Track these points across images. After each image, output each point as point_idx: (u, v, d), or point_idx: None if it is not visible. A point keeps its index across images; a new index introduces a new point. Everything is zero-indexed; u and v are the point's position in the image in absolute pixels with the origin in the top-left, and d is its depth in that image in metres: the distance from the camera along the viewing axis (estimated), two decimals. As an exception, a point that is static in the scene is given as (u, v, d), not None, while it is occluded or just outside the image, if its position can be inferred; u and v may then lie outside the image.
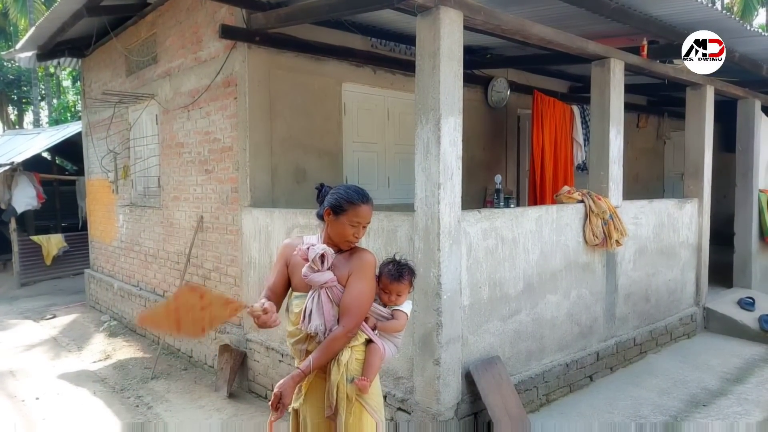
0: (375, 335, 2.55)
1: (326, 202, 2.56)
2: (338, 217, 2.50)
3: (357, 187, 2.61)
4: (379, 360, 2.55)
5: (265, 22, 5.08)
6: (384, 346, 2.57)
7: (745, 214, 7.47)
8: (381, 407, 2.61)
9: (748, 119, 7.37)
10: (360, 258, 2.54)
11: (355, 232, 2.51)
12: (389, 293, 2.61)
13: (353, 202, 2.50)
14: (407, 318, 2.66)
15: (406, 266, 2.65)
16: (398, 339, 2.67)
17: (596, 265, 5.19)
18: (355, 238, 2.53)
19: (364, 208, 2.51)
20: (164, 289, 7.31)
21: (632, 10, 4.73)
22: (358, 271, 2.50)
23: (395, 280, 2.59)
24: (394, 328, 2.60)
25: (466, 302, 4.00)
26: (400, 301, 2.63)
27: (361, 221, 2.51)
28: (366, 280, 2.50)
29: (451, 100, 3.73)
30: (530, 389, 4.47)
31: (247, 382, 5.62)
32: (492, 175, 7.10)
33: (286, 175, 5.72)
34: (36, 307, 9.80)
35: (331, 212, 2.53)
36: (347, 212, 2.49)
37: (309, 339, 2.49)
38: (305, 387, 2.54)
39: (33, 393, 5.74)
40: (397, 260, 2.68)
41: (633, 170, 9.52)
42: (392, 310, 2.62)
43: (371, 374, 2.51)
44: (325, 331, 2.43)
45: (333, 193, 2.57)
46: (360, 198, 2.52)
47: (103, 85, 8.55)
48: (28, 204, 11.60)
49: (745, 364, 5.54)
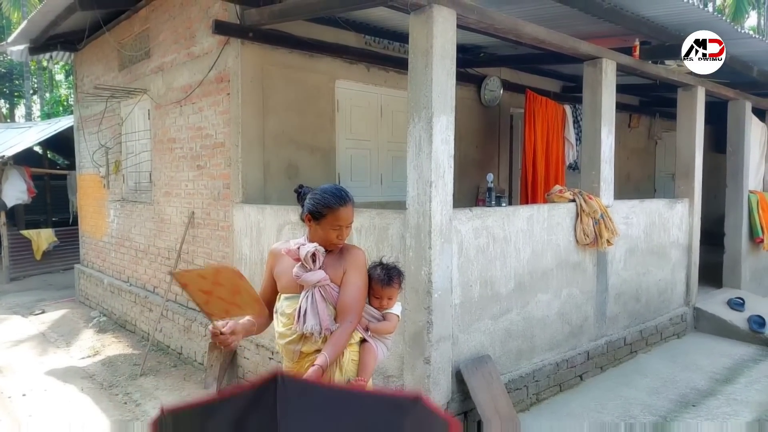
0: (368, 335, 2.53)
1: (305, 208, 2.49)
2: (319, 222, 2.44)
3: (335, 188, 2.50)
4: (373, 360, 2.52)
5: (258, 18, 5.06)
6: (377, 346, 2.55)
7: (735, 214, 7.52)
8: None
9: (738, 120, 7.41)
10: (351, 254, 2.52)
11: (339, 235, 2.45)
12: (380, 298, 2.56)
13: (331, 206, 2.41)
14: (398, 320, 2.64)
15: (394, 269, 2.60)
16: (388, 340, 2.64)
17: (587, 264, 5.21)
18: (340, 240, 2.47)
19: (343, 211, 2.42)
20: (154, 285, 7.28)
21: (624, 10, 4.74)
22: (353, 268, 2.47)
23: (386, 284, 2.55)
24: (386, 329, 2.57)
25: (456, 301, 4.00)
26: (391, 304, 2.60)
27: (342, 223, 2.44)
28: (361, 275, 2.48)
29: (444, 98, 3.73)
30: (520, 388, 4.48)
31: (237, 380, 5.60)
32: (484, 173, 7.12)
33: (279, 172, 5.70)
34: (25, 302, 9.72)
35: (311, 218, 2.47)
36: (326, 217, 2.42)
37: (303, 339, 2.43)
38: None
39: (20, 389, 5.69)
40: (385, 264, 2.62)
41: (624, 170, 9.56)
42: (383, 313, 2.60)
43: (367, 374, 2.48)
44: (321, 330, 2.39)
45: (310, 198, 2.47)
46: (338, 201, 2.42)
47: (96, 80, 8.49)
48: (18, 198, 11.52)
49: (734, 364, 5.58)
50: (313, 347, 2.43)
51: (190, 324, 6.30)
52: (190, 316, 6.31)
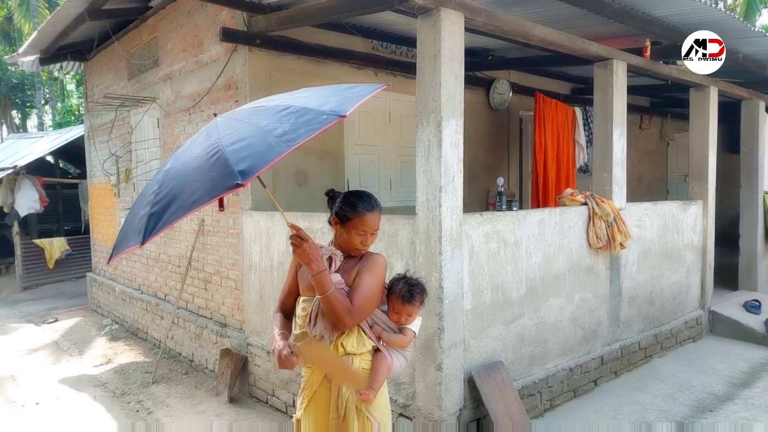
0: (382, 345, 2.47)
1: (333, 211, 2.49)
2: (344, 225, 2.43)
3: (364, 193, 2.50)
4: (386, 369, 2.45)
5: (265, 25, 5.06)
6: (392, 356, 2.48)
7: (750, 215, 7.41)
8: (387, 418, 2.51)
9: (752, 120, 7.32)
10: (369, 257, 2.48)
11: (363, 240, 2.43)
12: (399, 313, 2.48)
13: (357, 211, 2.41)
14: (415, 335, 2.55)
15: (417, 286, 2.52)
16: (408, 352, 2.57)
17: (600, 268, 5.14)
18: (364, 246, 2.45)
19: (369, 217, 2.41)
20: (165, 293, 7.29)
21: (635, 10, 4.69)
22: (366, 269, 2.42)
23: (406, 301, 2.47)
24: (399, 343, 2.50)
25: (468, 306, 3.95)
26: (410, 321, 2.51)
27: (368, 230, 2.42)
28: (374, 277, 2.41)
29: (453, 102, 3.70)
30: (534, 394, 4.42)
31: (248, 387, 5.58)
32: (494, 177, 7.06)
33: (287, 178, 5.69)
34: (38, 311, 9.79)
35: (337, 221, 2.46)
36: (352, 221, 2.41)
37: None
38: (308, 397, 2.49)
39: (33, 398, 5.71)
40: (408, 278, 2.55)
41: (636, 172, 9.46)
42: (401, 327, 2.52)
43: (377, 383, 2.41)
44: (330, 335, 2.37)
45: (339, 201, 2.48)
46: (365, 207, 2.42)
47: (106, 89, 8.55)
48: (30, 207, 11.61)
49: (751, 368, 5.48)
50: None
51: (201, 331, 6.29)
52: (200, 324, 6.31)
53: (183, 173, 2.07)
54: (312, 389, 2.48)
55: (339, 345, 2.40)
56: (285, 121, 2.01)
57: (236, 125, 2.11)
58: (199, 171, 1.99)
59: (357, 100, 2.15)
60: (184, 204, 1.93)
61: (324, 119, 1.99)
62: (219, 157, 1.92)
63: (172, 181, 2.08)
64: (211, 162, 1.95)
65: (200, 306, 6.50)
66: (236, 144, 1.95)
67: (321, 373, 2.45)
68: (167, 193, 2.01)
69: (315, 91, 2.36)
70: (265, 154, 1.88)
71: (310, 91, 2.36)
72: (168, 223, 1.95)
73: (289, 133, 1.94)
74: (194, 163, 2.04)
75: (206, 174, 1.94)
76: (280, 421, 4.91)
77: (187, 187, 1.97)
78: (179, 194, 1.98)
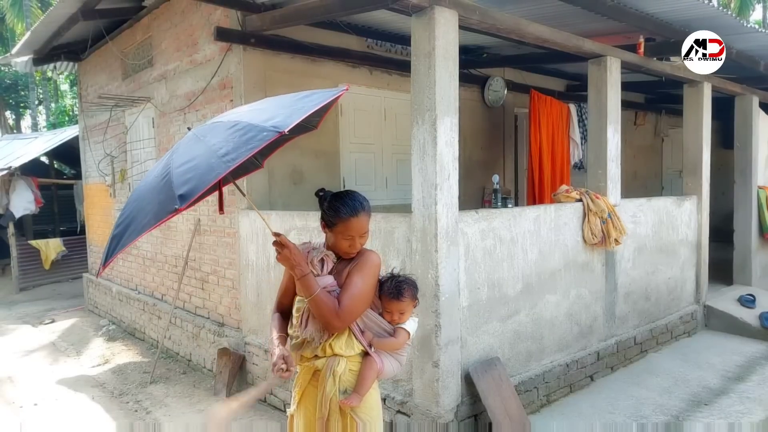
0: (371, 350, 2.44)
1: (321, 214, 2.45)
2: (331, 230, 2.39)
3: (349, 196, 2.42)
4: (374, 374, 2.42)
5: (260, 24, 5.06)
6: (382, 361, 2.45)
7: (744, 210, 7.45)
8: (375, 419, 2.46)
9: (746, 116, 7.35)
10: (362, 256, 2.44)
11: (351, 244, 2.38)
12: (391, 312, 2.46)
13: (341, 216, 2.34)
14: (409, 336, 2.50)
15: (405, 282, 2.48)
16: (402, 356, 2.54)
17: (595, 264, 5.17)
18: (352, 249, 2.40)
19: (354, 221, 2.34)
20: (162, 293, 7.29)
21: (628, 7, 4.70)
22: (356, 268, 2.38)
23: (394, 298, 2.44)
24: (390, 346, 2.46)
25: (464, 303, 3.97)
26: (403, 319, 2.48)
27: (354, 234, 2.36)
28: (363, 275, 2.36)
29: (447, 100, 3.71)
30: (530, 390, 4.45)
31: (246, 386, 5.59)
32: (490, 174, 7.07)
33: (283, 177, 5.70)
34: (35, 312, 9.77)
35: (324, 225, 2.44)
36: (337, 226, 2.35)
37: (305, 344, 2.41)
38: (299, 394, 2.50)
39: (31, 399, 5.71)
40: (396, 276, 2.52)
41: (631, 168, 9.48)
42: (394, 327, 2.49)
43: (363, 388, 2.38)
44: (321, 337, 2.37)
45: (325, 205, 2.42)
46: (349, 211, 2.34)
47: (100, 89, 8.52)
48: (26, 208, 11.59)
49: (746, 361, 5.52)
50: (313, 353, 2.41)
51: (199, 331, 6.30)
52: (198, 323, 6.32)
53: (142, 194, 2.11)
54: (302, 387, 2.48)
55: (327, 346, 2.38)
56: (231, 139, 2.01)
57: (192, 144, 2.12)
58: (152, 192, 2.03)
59: (308, 110, 2.12)
60: (137, 227, 1.97)
61: (264, 136, 1.97)
62: (167, 180, 1.96)
63: (134, 202, 2.14)
64: (161, 184, 1.99)
65: (197, 305, 6.51)
66: (183, 166, 1.98)
67: (310, 371, 2.44)
68: (128, 215, 2.07)
69: (271, 102, 2.37)
70: (204, 176, 1.89)
71: (267, 103, 2.36)
72: (124, 246, 2.00)
73: (231, 152, 1.94)
74: (153, 184, 2.08)
75: (157, 197, 1.98)
76: (278, 419, 4.93)
77: (142, 210, 2.02)
78: (137, 216, 2.03)
